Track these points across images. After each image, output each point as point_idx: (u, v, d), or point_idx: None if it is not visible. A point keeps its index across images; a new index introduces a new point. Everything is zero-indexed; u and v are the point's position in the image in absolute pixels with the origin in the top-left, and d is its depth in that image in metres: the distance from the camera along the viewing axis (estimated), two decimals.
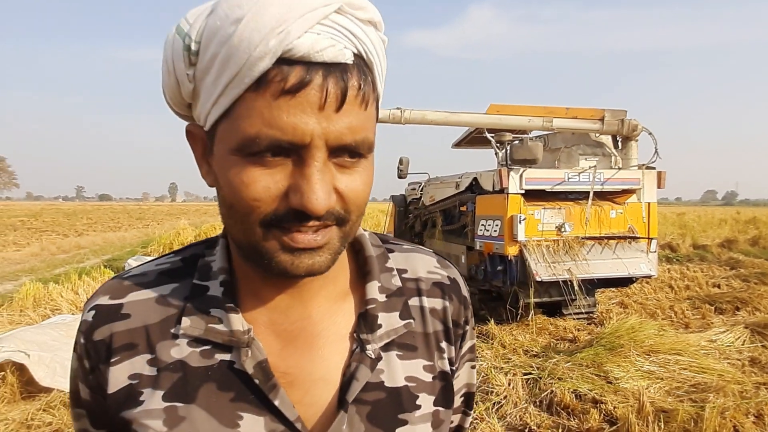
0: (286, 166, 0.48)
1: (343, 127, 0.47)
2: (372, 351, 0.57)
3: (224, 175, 0.50)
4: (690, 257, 12.00)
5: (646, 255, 5.41)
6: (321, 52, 0.45)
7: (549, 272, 5.02)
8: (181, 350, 0.55)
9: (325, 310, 0.59)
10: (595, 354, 4.51)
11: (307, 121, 0.45)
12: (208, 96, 0.48)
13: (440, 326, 0.64)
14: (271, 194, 0.48)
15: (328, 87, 0.46)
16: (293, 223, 0.48)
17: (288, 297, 0.57)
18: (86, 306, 0.59)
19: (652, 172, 5.57)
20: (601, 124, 5.74)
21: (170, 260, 0.62)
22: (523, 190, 5.19)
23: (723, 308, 6.84)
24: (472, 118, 6.01)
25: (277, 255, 0.50)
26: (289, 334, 0.57)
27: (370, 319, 0.59)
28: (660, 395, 3.90)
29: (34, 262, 12.52)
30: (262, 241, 0.49)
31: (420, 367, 0.61)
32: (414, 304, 0.63)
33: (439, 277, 0.66)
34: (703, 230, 17.87)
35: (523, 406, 3.77)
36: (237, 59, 0.45)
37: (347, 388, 0.55)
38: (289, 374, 0.55)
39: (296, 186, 0.47)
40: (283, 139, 0.46)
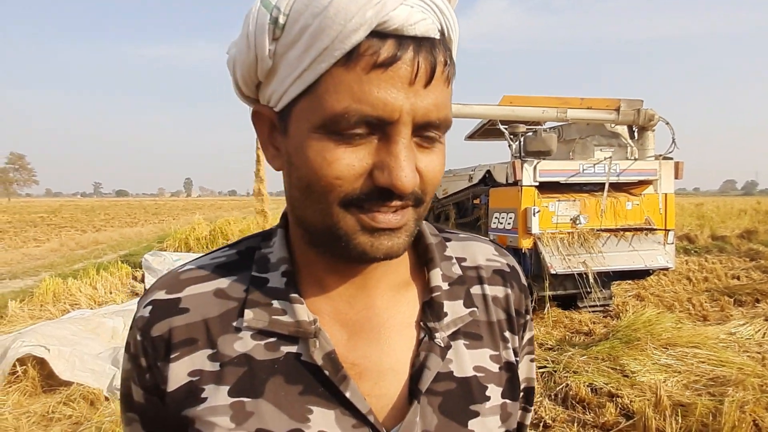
0: (370, 144, 0.46)
1: (430, 103, 0.46)
2: (441, 339, 0.56)
3: (302, 154, 0.48)
4: (708, 248, 11.80)
5: (663, 247, 5.33)
6: (414, 25, 0.44)
7: (564, 265, 4.97)
8: (245, 343, 0.53)
9: (389, 298, 0.57)
10: (611, 347, 4.47)
11: (396, 96, 0.44)
12: (289, 72, 0.47)
13: (503, 315, 0.62)
14: (354, 172, 0.46)
15: (419, 61, 0.45)
16: (375, 202, 0.47)
17: (352, 286, 0.56)
18: (141, 302, 0.57)
19: (669, 163, 5.47)
20: (617, 114, 5.64)
21: (225, 253, 0.60)
22: (537, 182, 5.14)
23: (742, 300, 6.73)
24: (485, 109, 5.95)
25: (356, 236, 0.48)
26: (355, 323, 0.55)
27: (436, 307, 0.57)
28: (677, 389, 3.84)
29: (53, 257, 12.76)
30: (341, 222, 0.48)
31: (487, 356, 0.59)
32: (476, 293, 0.62)
33: (499, 265, 0.65)
34: (722, 221, 17.56)
35: (538, 400, 3.74)
36: (330, 31, 0.43)
37: (418, 378, 0.53)
38: (357, 365, 0.53)
39: (383, 163, 0.46)
40: (373, 114, 0.44)
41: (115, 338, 4.89)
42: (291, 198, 0.53)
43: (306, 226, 0.53)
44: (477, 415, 0.56)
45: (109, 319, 5.10)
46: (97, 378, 3.87)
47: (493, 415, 0.57)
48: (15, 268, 10.99)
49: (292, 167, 0.50)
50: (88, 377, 3.85)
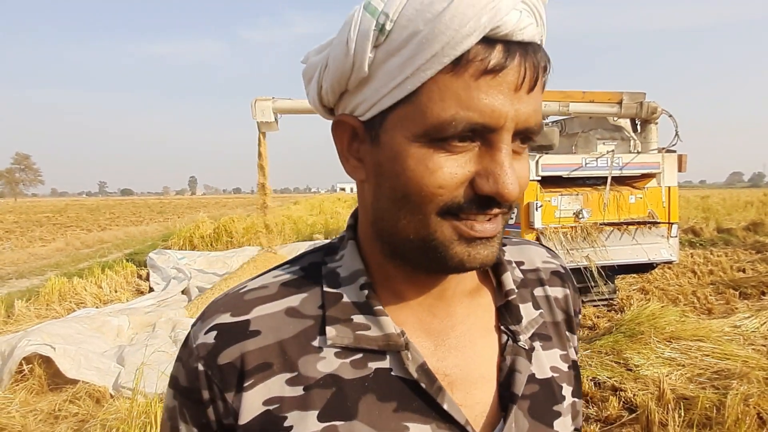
0: (470, 151, 0.46)
1: (531, 109, 0.46)
2: (524, 342, 0.56)
3: (400, 163, 0.46)
4: (714, 241, 11.74)
5: (667, 240, 5.31)
6: (522, 30, 0.44)
7: (567, 259, 4.96)
8: (330, 363, 0.50)
9: (467, 305, 0.57)
10: (615, 341, 4.46)
11: (503, 102, 0.44)
12: (388, 80, 0.46)
13: (563, 315, 0.63)
14: (456, 181, 0.45)
15: (525, 68, 0.44)
16: (474, 211, 0.46)
17: (431, 296, 0.54)
18: (200, 328, 0.53)
19: (672, 156, 5.44)
20: (619, 107, 5.62)
21: (288, 270, 0.57)
22: (539, 176, 5.13)
23: (748, 293, 6.69)
24: None
25: (453, 246, 0.47)
26: (439, 333, 0.54)
27: (514, 311, 0.57)
28: (681, 382, 3.84)
29: (59, 256, 12.84)
30: (437, 232, 0.47)
31: (558, 356, 0.60)
32: (539, 294, 0.62)
33: (554, 266, 0.66)
34: (728, 213, 17.46)
35: None
36: (443, 37, 0.42)
37: (509, 384, 0.53)
38: (448, 375, 0.52)
39: (488, 171, 0.45)
40: (480, 122, 0.44)
41: (120, 336, 4.92)
42: (377, 210, 0.51)
43: (393, 238, 0.50)
44: (559, 415, 0.56)
45: (114, 318, 5.14)
46: (102, 376, 3.90)
47: (567, 414, 0.57)
48: (21, 267, 11.07)
49: (383, 177, 0.49)
50: (94, 375, 3.89)
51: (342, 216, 16.85)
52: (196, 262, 9.18)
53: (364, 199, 0.54)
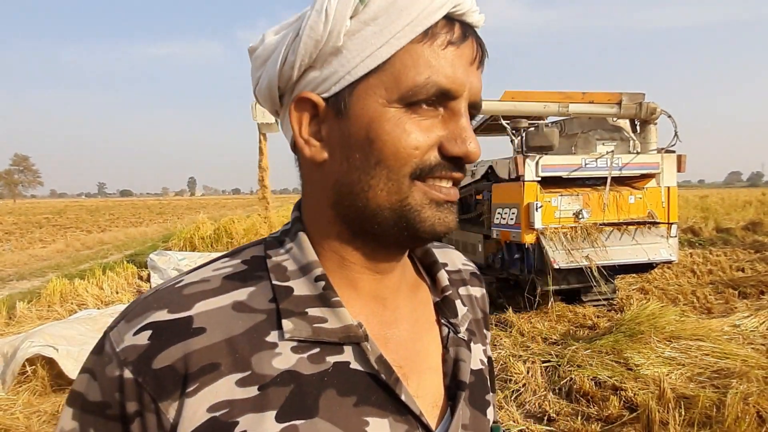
0: (436, 117, 0.49)
1: (479, 85, 0.51)
2: (464, 334, 0.59)
3: (375, 129, 0.48)
4: (713, 241, 11.77)
5: (666, 240, 5.33)
6: (473, 13, 0.50)
7: (567, 259, 4.98)
8: (286, 359, 0.48)
9: (411, 299, 0.59)
10: (615, 341, 4.48)
11: (464, 72, 0.49)
12: (361, 49, 0.47)
13: (481, 314, 0.68)
14: (429, 142, 0.48)
15: (477, 45, 0.50)
16: (443, 173, 0.49)
17: (383, 287, 0.55)
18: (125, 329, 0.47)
19: (671, 156, 5.46)
20: (619, 108, 5.64)
21: (228, 264, 0.53)
22: (539, 177, 5.15)
23: (747, 292, 6.72)
24: (487, 105, 5.95)
25: (425, 210, 0.49)
26: (391, 325, 0.55)
27: (451, 305, 0.60)
28: (681, 381, 3.86)
29: (59, 258, 12.84)
30: (410, 196, 0.49)
31: (481, 351, 0.64)
32: (464, 293, 0.67)
33: (472, 268, 0.72)
34: (727, 213, 17.49)
35: (542, 394, 3.77)
36: (416, 7, 0.46)
37: (455, 373, 0.56)
38: (401, 367, 0.52)
39: (455, 135, 0.49)
40: (448, 87, 0.48)
41: None
42: (344, 185, 0.50)
43: (363, 212, 0.50)
44: (489, 404, 0.60)
45: None
46: None
47: (491, 404, 0.62)
48: (22, 269, 11.07)
49: (353, 149, 0.49)
50: None
51: None
52: (197, 263, 9.06)
53: (322, 181, 0.52)
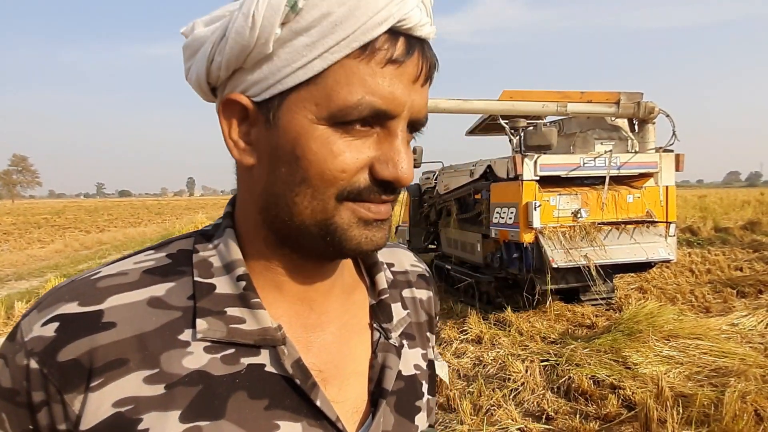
0: (370, 137, 0.47)
1: (422, 102, 0.49)
2: (395, 339, 0.58)
3: (302, 146, 0.45)
4: (711, 240, 11.79)
5: (665, 239, 5.34)
6: (422, 26, 0.47)
7: (566, 259, 4.98)
8: (198, 358, 0.46)
9: (343, 302, 0.57)
10: (614, 340, 4.49)
11: (403, 92, 0.46)
12: (292, 59, 0.45)
13: (425, 317, 0.67)
14: (357, 165, 0.46)
15: (422, 62, 0.47)
16: (371, 197, 0.48)
17: (311, 290, 0.54)
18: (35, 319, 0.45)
19: (669, 155, 5.47)
20: (617, 107, 5.64)
21: (152, 257, 0.51)
22: (537, 176, 5.15)
23: (745, 291, 6.74)
24: (485, 105, 5.95)
25: (351, 229, 0.48)
26: (316, 328, 0.54)
27: (386, 309, 0.59)
28: (680, 380, 3.87)
29: (58, 258, 12.83)
30: (336, 216, 0.47)
31: (419, 355, 0.63)
32: (407, 296, 0.65)
33: (421, 270, 0.70)
34: (725, 212, 17.53)
35: (540, 393, 3.77)
36: (355, 21, 0.43)
37: (380, 379, 0.54)
38: (322, 371, 0.52)
39: (386, 157, 0.47)
40: (383, 108, 0.45)
41: None
42: (270, 195, 0.49)
43: (287, 224, 0.49)
44: (420, 410, 0.59)
45: None
46: None
47: (425, 410, 0.61)
48: (20, 269, 11.06)
49: (280, 161, 0.47)
50: None
51: None
52: None
53: (251, 185, 0.51)
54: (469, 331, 5.19)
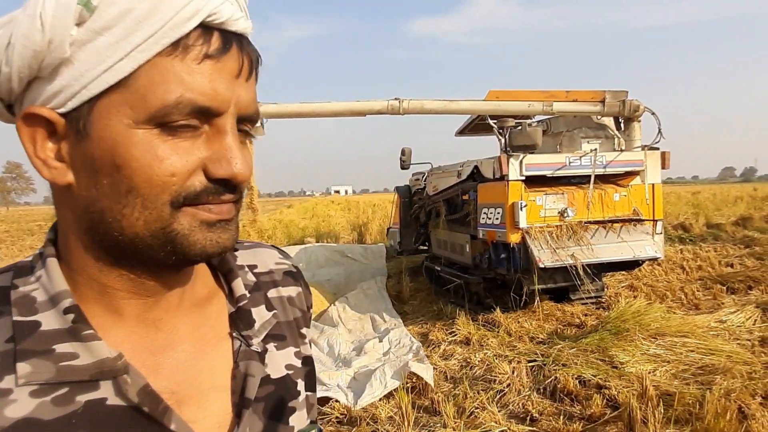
0: (198, 138, 0.45)
1: (250, 97, 0.47)
2: (257, 345, 0.57)
3: (123, 154, 0.42)
4: (704, 237, 11.80)
5: (652, 237, 5.33)
6: (237, 21, 0.45)
7: (552, 258, 4.97)
8: (23, 406, 0.42)
9: (197, 315, 0.55)
10: (601, 339, 4.48)
11: (226, 87, 0.44)
12: (96, 62, 0.41)
13: (299, 313, 0.66)
14: (189, 167, 0.44)
15: (242, 56, 0.46)
16: (212, 197, 0.46)
17: (155, 309, 0.51)
18: None
19: (655, 153, 5.47)
20: (602, 106, 5.64)
21: None
22: (523, 176, 5.14)
23: (735, 288, 6.74)
24: (471, 105, 5.94)
25: (194, 234, 0.45)
26: (165, 348, 0.51)
27: (245, 315, 0.58)
28: (666, 379, 3.86)
29: None
30: (175, 223, 0.44)
31: (292, 354, 0.62)
32: (274, 296, 0.64)
33: (286, 267, 0.69)
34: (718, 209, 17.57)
35: (526, 394, 3.76)
36: (161, 17, 0.41)
37: (244, 389, 0.53)
38: (176, 393, 0.49)
39: (219, 155, 0.45)
40: (206, 105, 0.43)
41: None
42: (96, 212, 0.45)
43: (120, 239, 0.45)
44: (294, 410, 0.59)
45: None
46: None
47: (302, 408, 0.60)
48: None
49: (100, 174, 0.44)
50: None
51: (334, 219, 16.82)
52: None
53: (72, 205, 0.47)
54: (458, 333, 5.17)
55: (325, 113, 6.30)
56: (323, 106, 6.19)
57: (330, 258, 9.56)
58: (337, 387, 3.86)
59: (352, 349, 4.89)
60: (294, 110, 6.32)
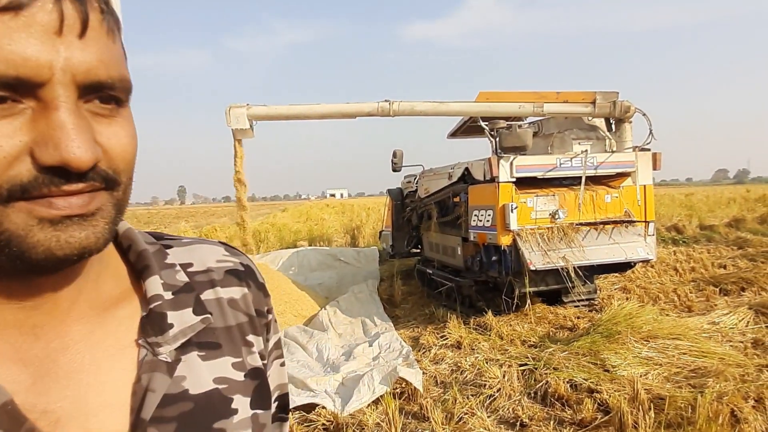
0: (18, 117, 0.36)
1: (93, 58, 0.38)
2: (167, 354, 0.48)
3: None
4: (697, 238, 11.81)
5: (644, 239, 5.30)
6: None
7: (544, 260, 4.93)
8: None
9: (93, 320, 0.47)
10: (592, 342, 4.43)
11: (41, 49, 0.35)
12: None
13: (243, 317, 0.56)
14: (8, 155, 0.36)
15: (62, 6, 0.36)
16: (49, 188, 0.37)
17: (35, 314, 0.43)
18: None
19: (646, 154, 5.44)
20: (593, 107, 5.62)
21: None
22: (514, 178, 5.10)
23: (728, 289, 6.71)
24: (462, 107, 5.91)
25: (33, 234, 0.37)
26: (43, 360, 0.44)
27: (157, 319, 0.49)
28: (658, 382, 3.81)
29: None
30: (5, 223, 0.37)
31: (228, 365, 0.53)
32: (209, 298, 0.55)
33: (231, 265, 0.58)
34: (711, 210, 17.61)
35: (516, 399, 3.70)
36: None
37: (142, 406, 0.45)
38: (51, 411, 0.42)
39: (46, 137, 0.36)
40: (13, 74, 0.35)
41: None
42: None
43: None
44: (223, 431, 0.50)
45: None
46: None
47: (244, 429, 0.51)
48: None
49: None
50: None
51: (327, 222, 16.75)
52: None
53: None
54: (449, 337, 5.11)
55: (314, 115, 6.25)
56: (313, 108, 6.14)
57: (322, 261, 9.49)
58: (324, 393, 3.79)
59: (341, 354, 4.82)
60: (283, 112, 6.27)
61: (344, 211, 24.03)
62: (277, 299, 5.97)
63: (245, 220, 6.71)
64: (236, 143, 6.46)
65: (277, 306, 5.84)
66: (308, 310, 6.32)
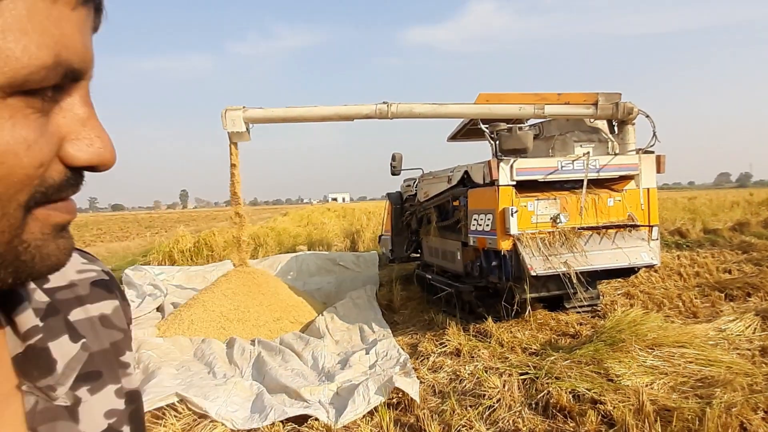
0: (45, 110, 0.33)
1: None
2: (64, 397, 0.40)
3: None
4: (701, 242, 11.65)
5: (648, 243, 5.16)
6: None
7: (545, 266, 4.80)
8: None
9: None
10: (595, 350, 4.29)
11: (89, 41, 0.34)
12: None
13: (118, 335, 0.49)
14: (47, 156, 0.32)
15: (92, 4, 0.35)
16: (73, 190, 0.35)
17: None
18: None
19: (650, 157, 5.31)
20: (595, 108, 5.50)
21: None
22: (514, 181, 4.97)
23: (733, 295, 6.57)
24: (461, 108, 5.80)
25: (48, 244, 0.34)
26: None
27: (42, 356, 0.40)
28: (664, 392, 3.68)
29: None
30: (26, 232, 0.32)
31: (112, 394, 0.46)
32: (79, 318, 0.46)
33: (95, 275, 0.51)
34: (714, 214, 17.43)
35: (517, 410, 3.57)
36: None
37: None
38: None
39: (79, 135, 0.34)
40: (78, 67, 0.33)
41: None
42: None
43: None
44: None
45: None
46: None
47: None
48: None
49: None
50: None
51: (328, 227, 16.63)
52: (175, 277, 8.93)
53: None
54: (448, 344, 4.98)
55: (312, 117, 6.15)
56: (310, 110, 6.04)
57: (321, 266, 9.37)
58: (318, 403, 3.67)
59: (337, 362, 4.69)
60: (280, 115, 6.17)
61: (345, 215, 23.91)
62: (274, 305, 5.85)
63: (242, 215, 6.59)
64: (232, 146, 6.37)
65: (275, 312, 5.71)
66: (305, 316, 6.19)
